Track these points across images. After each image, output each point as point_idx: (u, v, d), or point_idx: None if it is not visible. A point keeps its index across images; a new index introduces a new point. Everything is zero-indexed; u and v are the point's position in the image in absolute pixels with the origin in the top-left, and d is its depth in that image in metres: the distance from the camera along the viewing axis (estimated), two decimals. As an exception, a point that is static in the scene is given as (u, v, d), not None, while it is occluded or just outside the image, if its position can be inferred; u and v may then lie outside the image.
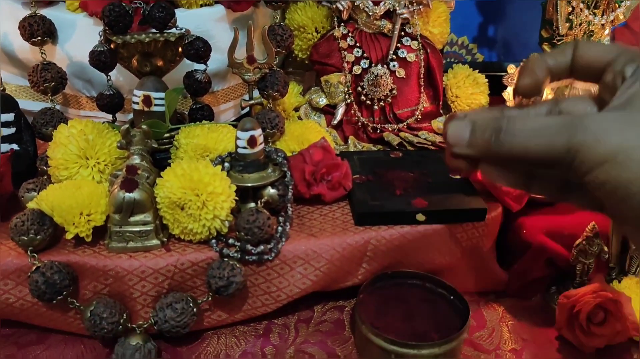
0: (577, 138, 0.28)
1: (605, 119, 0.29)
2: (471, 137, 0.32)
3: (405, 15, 0.80)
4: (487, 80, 0.88)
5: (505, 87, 0.84)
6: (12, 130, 0.68)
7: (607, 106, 0.31)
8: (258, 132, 0.63)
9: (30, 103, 0.81)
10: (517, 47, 1.10)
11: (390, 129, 0.82)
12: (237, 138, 0.63)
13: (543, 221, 0.70)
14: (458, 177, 0.72)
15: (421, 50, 0.83)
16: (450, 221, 0.66)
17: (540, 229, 0.70)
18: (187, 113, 0.75)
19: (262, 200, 0.63)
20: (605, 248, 0.67)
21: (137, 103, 0.68)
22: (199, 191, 0.58)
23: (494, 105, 0.89)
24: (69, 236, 0.58)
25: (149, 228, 0.59)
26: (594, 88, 0.35)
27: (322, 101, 0.84)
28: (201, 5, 0.75)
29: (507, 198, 0.69)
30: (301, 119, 0.84)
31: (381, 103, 0.82)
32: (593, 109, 0.34)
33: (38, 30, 0.70)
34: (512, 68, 0.83)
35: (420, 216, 0.65)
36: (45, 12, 0.73)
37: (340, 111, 0.83)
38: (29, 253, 0.57)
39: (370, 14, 0.81)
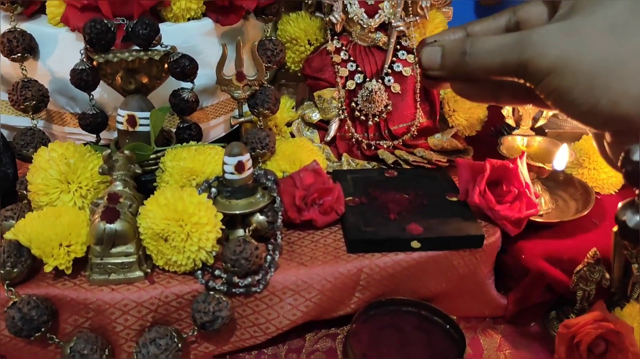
0: (525, 54, 0.31)
1: (548, 32, 0.31)
2: (442, 61, 0.36)
3: (401, 28, 0.78)
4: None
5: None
6: (-10, 152, 0.66)
7: (555, 14, 0.33)
8: (246, 157, 0.60)
9: (14, 119, 0.78)
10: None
11: (385, 146, 0.79)
12: (224, 163, 0.60)
13: (542, 245, 0.68)
14: (455, 199, 0.70)
15: (417, 64, 0.80)
16: (446, 248, 0.63)
17: (539, 254, 0.67)
18: (174, 131, 0.72)
19: (251, 227, 0.60)
20: (607, 275, 0.65)
21: (122, 123, 0.65)
22: (183, 222, 0.55)
23: (491, 114, 0.87)
24: (47, 269, 0.56)
25: (131, 260, 0.57)
26: None
27: (315, 116, 0.81)
28: (188, 19, 0.72)
29: (506, 221, 0.66)
30: (293, 134, 0.82)
31: (376, 119, 0.79)
32: (545, 15, 0.36)
33: (18, 47, 0.68)
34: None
35: (415, 244, 0.62)
36: (26, 25, 0.70)
37: (333, 127, 0.80)
38: (5, 287, 0.55)
39: (365, 26, 0.78)
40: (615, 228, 0.64)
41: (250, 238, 0.58)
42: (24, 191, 0.63)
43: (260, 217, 0.61)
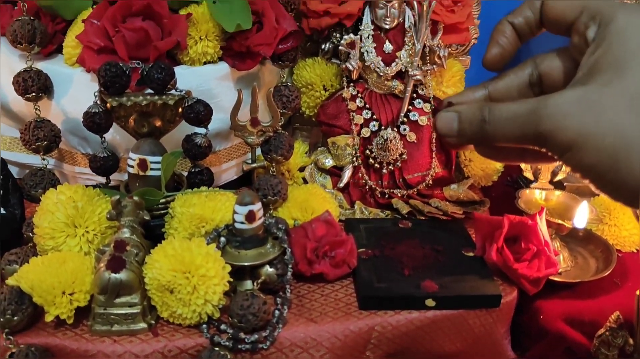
0: (542, 127, 0.30)
1: (565, 102, 0.29)
2: (459, 128, 0.34)
3: (418, 77, 0.77)
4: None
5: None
6: (-1, 192, 0.65)
7: (574, 77, 0.32)
8: (257, 206, 0.59)
9: (25, 156, 0.78)
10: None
11: (399, 195, 0.78)
12: (234, 212, 0.59)
13: (562, 306, 0.65)
14: (471, 254, 0.67)
15: (433, 114, 0.78)
16: (462, 307, 0.61)
17: (558, 315, 0.65)
18: (185, 175, 0.71)
19: (259, 280, 0.58)
20: (631, 341, 0.62)
21: (133, 167, 0.64)
22: (190, 274, 0.53)
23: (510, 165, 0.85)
24: (48, 318, 0.54)
25: (135, 311, 0.55)
26: None
27: (329, 162, 0.80)
28: (204, 63, 0.72)
29: (524, 280, 0.64)
30: (306, 180, 0.80)
31: (390, 167, 0.78)
32: (567, 69, 0.35)
33: (33, 86, 0.67)
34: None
35: (430, 302, 0.60)
36: (42, 65, 0.70)
37: (347, 174, 0.79)
38: (4, 336, 0.53)
39: (381, 74, 0.77)
40: (639, 291, 0.62)
41: (259, 291, 0.56)
42: (30, 234, 0.62)
43: (269, 269, 0.59)
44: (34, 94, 0.68)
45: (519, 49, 0.38)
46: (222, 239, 0.60)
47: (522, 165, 0.80)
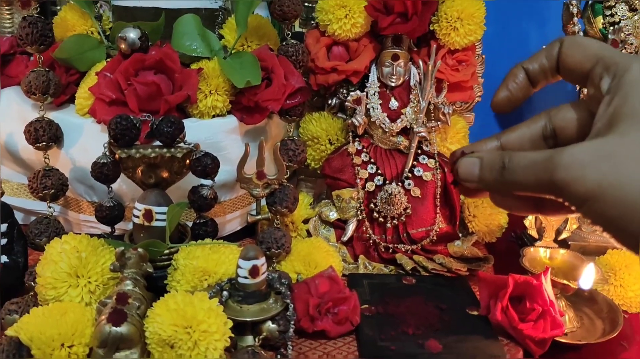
0: (558, 176, 0.29)
1: (582, 153, 0.29)
2: (480, 174, 0.34)
3: (423, 134, 0.78)
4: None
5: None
6: (4, 241, 0.65)
7: (592, 129, 0.31)
8: (261, 262, 0.58)
9: (30, 203, 0.79)
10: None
11: (403, 250, 0.77)
12: (238, 266, 0.58)
13: (568, 369, 0.64)
14: (476, 313, 0.67)
15: (438, 169, 0.79)
16: (466, 369, 0.60)
17: (565, 378, 0.63)
18: (190, 226, 0.71)
19: (261, 336, 0.58)
20: (639, 407, 0.61)
21: (138, 217, 0.64)
22: (191, 329, 0.53)
23: (511, 220, 0.85)
24: (45, 371, 0.53)
25: (134, 366, 0.54)
26: None
27: (333, 215, 0.80)
28: (213, 116, 0.73)
29: (529, 341, 0.63)
30: (310, 232, 0.80)
31: (394, 221, 0.78)
32: (582, 122, 0.35)
33: (44, 136, 0.69)
34: (533, 194, 0.79)
35: (433, 363, 0.59)
36: (53, 114, 0.72)
37: (351, 227, 0.79)
38: (0, 389, 0.52)
39: (387, 130, 0.79)
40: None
41: (260, 348, 0.55)
42: (32, 283, 0.62)
43: (271, 326, 0.58)
44: (44, 143, 0.69)
45: (530, 96, 0.38)
46: (225, 293, 0.60)
47: (527, 223, 0.80)
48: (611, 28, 0.79)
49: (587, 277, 0.67)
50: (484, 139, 0.38)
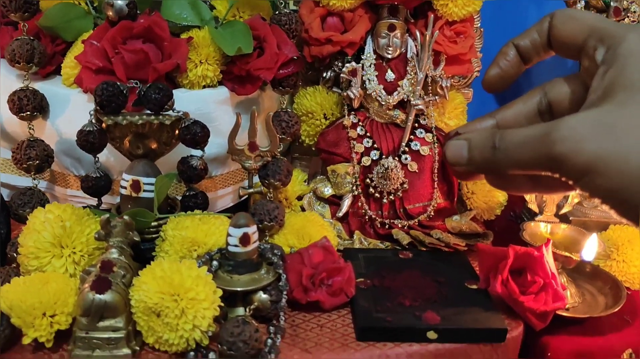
0: (556, 150, 0.28)
1: (580, 124, 0.28)
2: (469, 156, 0.33)
3: (420, 107, 0.76)
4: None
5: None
6: (-15, 212, 0.62)
7: (586, 100, 0.31)
8: (252, 229, 0.56)
9: (16, 178, 0.76)
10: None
11: (400, 225, 0.75)
12: (228, 234, 0.56)
13: (570, 343, 0.62)
14: (475, 287, 0.64)
15: (435, 143, 0.77)
16: (465, 341, 0.58)
17: (567, 352, 0.61)
18: (180, 199, 0.69)
19: (252, 306, 0.55)
20: (644, 381, 0.59)
21: (125, 188, 0.62)
22: (178, 297, 0.51)
23: (510, 198, 0.83)
24: (26, 340, 0.51)
25: (119, 335, 0.51)
26: None
27: (328, 191, 0.78)
28: (203, 87, 0.71)
29: (530, 314, 0.61)
30: (304, 209, 0.78)
31: (391, 197, 0.76)
32: (577, 94, 0.34)
33: (28, 105, 0.66)
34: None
35: (431, 334, 0.57)
36: (39, 85, 0.69)
37: (346, 203, 0.77)
38: (-22, 359, 0.50)
39: (383, 103, 0.76)
40: (651, 328, 0.58)
41: (251, 318, 0.53)
42: (14, 254, 0.60)
43: (263, 296, 0.56)
44: (28, 113, 0.66)
45: (522, 73, 0.37)
46: (215, 263, 0.58)
47: (527, 197, 0.78)
48: (613, -4, 0.77)
49: (590, 249, 0.65)
50: (479, 118, 0.37)
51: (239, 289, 0.56)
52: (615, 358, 0.60)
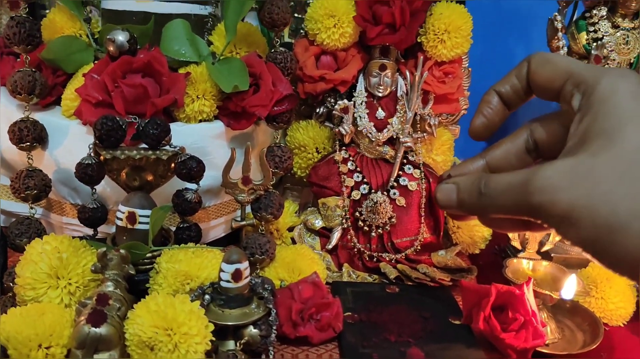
0: (535, 200, 0.29)
1: (555, 174, 0.29)
2: (458, 199, 0.34)
3: (409, 144, 0.78)
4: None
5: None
6: (-18, 241, 0.64)
7: (564, 149, 0.31)
8: (244, 265, 0.58)
9: (13, 204, 0.77)
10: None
11: (387, 259, 0.78)
12: (221, 270, 0.58)
13: (549, 379, 0.64)
14: (458, 322, 0.67)
15: (423, 179, 0.80)
16: (448, 377, 0.60)
17: (546, 389, 0.63)
18: (173, 230, 0.70)
19: (242, 341, 0.57)
20: (619, 418, 0.61)
21: (121, 219, 0.64)
22: (172, 331, 0.52)
23: (495, 233, 0.85)
24: (21, 372, 0.52)
25: (113, 368, 0.53)
26: None
27: (318, 223, 0.80)
28: (200, 121, 0.73)
29: (511, 351, 0.63)
30: (294, 240, 0.80)
31: (379, 230, 0.78)
32: (560, 134, 0.34)
33: (28, 136, 0.68)
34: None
35: (415, 370, 0.59)
36: (39, 115, 0.71)
37: (336, 235, 0.79)
38: (-27, 390, 0.51)
39: (373, 139, 0.79)
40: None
41: (241, 353, 0.55)
42: (11, 284, 0.61)
43: (253, 330, 0.58)
44: (28, 144, 0.68)
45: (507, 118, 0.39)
46: (207, 297, 0.59)
47: (510, 235, 0.81)
48: (594, 44, 0.80)
49: (569, 288, 0.67)
50: (470, 159, 0.38)
51: (230, 323, 0.57)
52: (592, 394, 0.62)
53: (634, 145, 0.28)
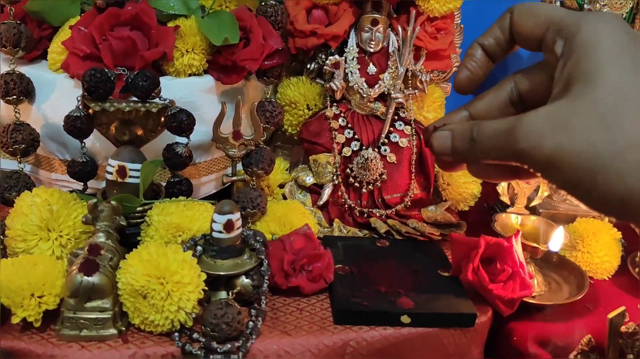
0: (519, 146, 0.29)
1: (539, 120, 0.29)
2: (452, 146, 0.34)
3: (400, 100, 0.78)
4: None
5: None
6: (-29, 194, 0.63)
7: (550, 96, 0.31)
8: (236, 216, 0.58)
9: (1, 161, 0.77)
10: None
11: (377, 214, 0.78)
12: (212, 221, 0.58)
13: (535, 328, 0.66)
14: (447, 274, 0.68)
15: (414, 136, 0.80)
16: (437, 325, 0.61)
17: (531, 337, 0.65)
18: (164, 185, 0.70)
19: (234, 290, 0.58)
20: (602, 364, 0.63)
21: (111, 173, 0.63)
22: (164, 279, 0.53)
23: (484, 190, 0.86)
24: (15, 320, 0.52)
25: (106, 316, 0.53)
26: None
27: (309, 180, 0.80)
28: (190, 75, 0.72)
29: (498, 301, 0.64)
30: (285, 197, 0.80)
31: (370, 187, 0.78)
32: (544, 84, 0.34)
33: (14, 89, 0.67)
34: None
35: (405, 319, 0.60)
36: (25, 69, 0.70)
37: (326, 192, 0.79)
38: (-33, 337, 0.51)
39: (364, 95, 0.79)
40: (610, 315, 0.62)
41: (233, 301, 0.55)
42: (1, 236, 0.61)
43: (245, 280, 0.59)
44: (14, 97, 0.67)
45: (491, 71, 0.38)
46: (199, 248, 0.59)
47: (499, 189, 0.81)
48: (587, -1, 0.80)
49: (557, 240, 0.68)
50: (454, 110, 0.38)
51: (222, 273, 0.58)
52: (576, 343, 0.64)
53: (615, 86, 0.28)
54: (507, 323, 0.66)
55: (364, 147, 0.79)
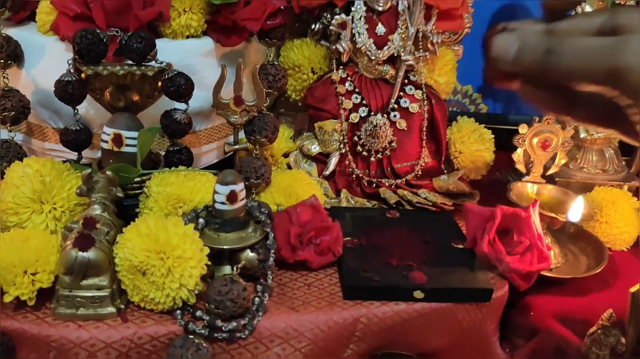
0: (623, 61, 0.26)
1: None
2: (517, 54, 0.30)
3: (410, 62, 0.74)
4: (493, 135, 0.82)
5: (515, 148, 0.77)
6: (-41, 164, 0.60)
7: None
8: (239, 187, 0.55)
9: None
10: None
11: (387, 184, 0.75)
12: (215, 192, 0.55)
13: (553, 302, 0.63)
14: (461, 246, 0.65)
15: (425, 101, 0.76)
16: (451, 301, 0.58)
17: (549, 312, 0.62)
18: (163, 154, 0.67)
19: (239, 265, 0.55)
20: (623, 340, 0.60)
21: (107, 142, 0.60)
22: (164, 255, 0.50)
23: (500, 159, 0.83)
24: (7, 298, 0.50)
25: (103, 294, 0.51)
26: None
27: (315, 148, 0.76)
28: (187, 37, 0.68)
29: (515, 275, 0.61)
30: (290, 167, 0.77)
31: (379, 155, 0.75)
32: None
33: (1, 52, 0.63)
34: (524, 128, 0.76)
35: (418, 294, 0.57)
36: (12, 31, 0.66)
37: (333, 161, 0.75)
38: (-43, 317, 0.49)
39: (373, 58, 0.74)
40: (632, 289, 0.59)
41: (238, 277, 0.52)
42: (-9, 210, 0.58)
43: (250, 254, 0.56)
44: (2, 61, 0.63)
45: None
46: (201, 220, 0.56)
47: (515, 157, 0.78)
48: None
49: (576, 210, 0.65)
50: (529, 20, 0.33)
51: (226, 247, 0.55)
52: (596, 318, 0.61)
53: None
54: (524, 297, 0.63)
55: (372, 113, 0.75)
